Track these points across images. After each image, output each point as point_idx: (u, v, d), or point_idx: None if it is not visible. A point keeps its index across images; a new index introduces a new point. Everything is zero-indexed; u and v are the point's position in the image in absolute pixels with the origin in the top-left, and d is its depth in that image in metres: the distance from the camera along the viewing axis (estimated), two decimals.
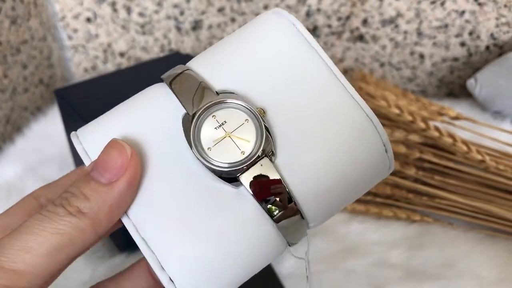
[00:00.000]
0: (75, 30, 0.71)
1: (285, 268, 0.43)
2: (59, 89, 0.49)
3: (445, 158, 0.48)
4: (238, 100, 0.23)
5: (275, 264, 0.44)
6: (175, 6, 0.68)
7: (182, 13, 0.69)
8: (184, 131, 0.22)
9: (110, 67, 0.74)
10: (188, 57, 0.55)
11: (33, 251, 0.20)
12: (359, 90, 0.56)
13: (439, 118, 0.52)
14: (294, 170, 0.22)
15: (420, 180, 0.49)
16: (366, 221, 0.49)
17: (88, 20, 0.70)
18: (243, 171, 0.22)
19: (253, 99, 0.23)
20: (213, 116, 0.22)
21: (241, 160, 0.22)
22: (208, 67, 0.24)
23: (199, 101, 0.23)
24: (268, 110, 0.23)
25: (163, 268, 0.21)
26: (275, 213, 0.22)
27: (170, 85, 0.24)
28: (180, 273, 0.21)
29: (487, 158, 0.45)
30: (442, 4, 0.65)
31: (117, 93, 0.37)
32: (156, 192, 0.22)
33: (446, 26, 0.67)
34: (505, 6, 0.64)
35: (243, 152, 0.22)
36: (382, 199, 0.49)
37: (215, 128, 0.22)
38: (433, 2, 0.65)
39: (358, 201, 0.50)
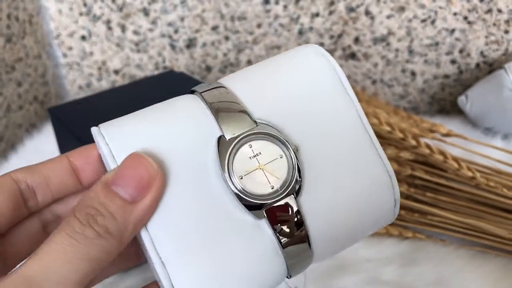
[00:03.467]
0: (70, 48, 0.72)
1: None
2: (53, 107, 0.50)
3: (436, 175, 0.48)
4: (277, 134, 0.23)
5: None
6: (170, 24, 0.69)
7: (176, 31, 0.69)
8: (218, 154, 0.22)
9: (104, 85, 0.75)
10: (182, 75, 0.55)
11: (68, 283, 0.19)
12: None
13: (430, 135, 0.53)
14: (314, 211, 0.23)
15: (412, 197, 0.49)
16: None
17: (83, 38, 0.71)
18: (269, 205, 0.22)
19: (289, 135, 0.23)
20: (249, 145, 0.22)
21: (270, 195, 0.22)
22: (246, 92, 0.24)
23: (238, 127, 0.23)
24: (301, 148, 0.23)
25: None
26: (286, 239, 0.22)
27: (206, 102, 0.23)
28: None
29: (478, 175, 0.46)
30: (433, 22, 0.66)
31: (111, 111, 0.37)
32: (176, 208, 0.22)
33: (436, 44, 0.68)
34: (494, 24, 0.65)
35: (272, 187, 0.22)
36: None
37: (250, 157, 0.22)
38: (423, 21, 0.66)
39: None
